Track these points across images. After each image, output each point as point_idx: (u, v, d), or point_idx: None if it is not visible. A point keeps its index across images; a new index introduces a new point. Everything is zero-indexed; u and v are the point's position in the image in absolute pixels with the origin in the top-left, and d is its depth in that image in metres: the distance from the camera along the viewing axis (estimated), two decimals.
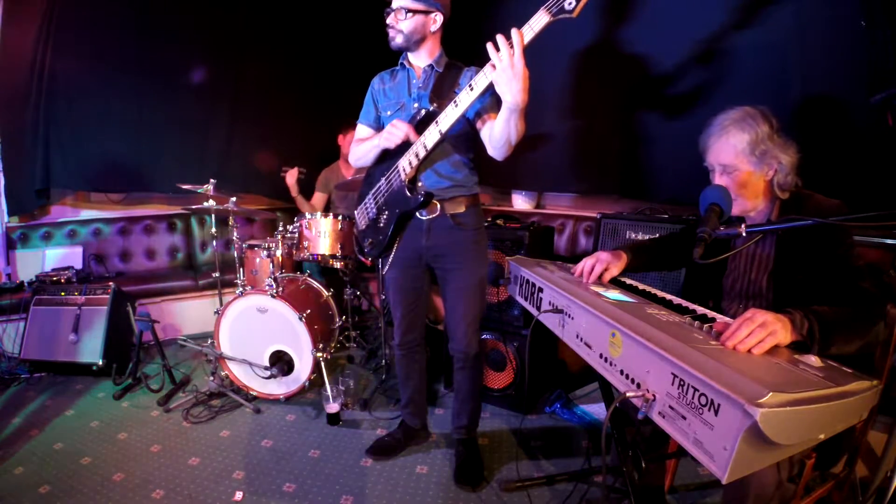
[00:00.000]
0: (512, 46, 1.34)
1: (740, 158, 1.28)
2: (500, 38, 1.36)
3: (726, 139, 1.29)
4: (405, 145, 1.71)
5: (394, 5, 1.69)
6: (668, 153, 2.44)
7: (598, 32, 2.60)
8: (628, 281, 1.51)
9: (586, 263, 1.46)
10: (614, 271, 1.46)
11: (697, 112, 2.25)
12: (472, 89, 1.51)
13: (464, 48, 1.91)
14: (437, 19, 1.72)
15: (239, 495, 1.87)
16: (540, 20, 1.33)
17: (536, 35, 1.35)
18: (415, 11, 1.67)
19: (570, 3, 1.27)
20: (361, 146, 1.87)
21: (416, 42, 1.73)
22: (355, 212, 2.03)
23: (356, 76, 1.99)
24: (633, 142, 2.62)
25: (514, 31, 1.35)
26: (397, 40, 1.73)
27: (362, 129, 1.94)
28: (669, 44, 2.34)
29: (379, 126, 1.89)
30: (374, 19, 1.92)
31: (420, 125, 1.68)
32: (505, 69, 1.37)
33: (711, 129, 1.33)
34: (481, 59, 1.46)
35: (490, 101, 1.64)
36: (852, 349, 1.07)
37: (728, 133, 1.28)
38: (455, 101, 1.55)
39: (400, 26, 1.70)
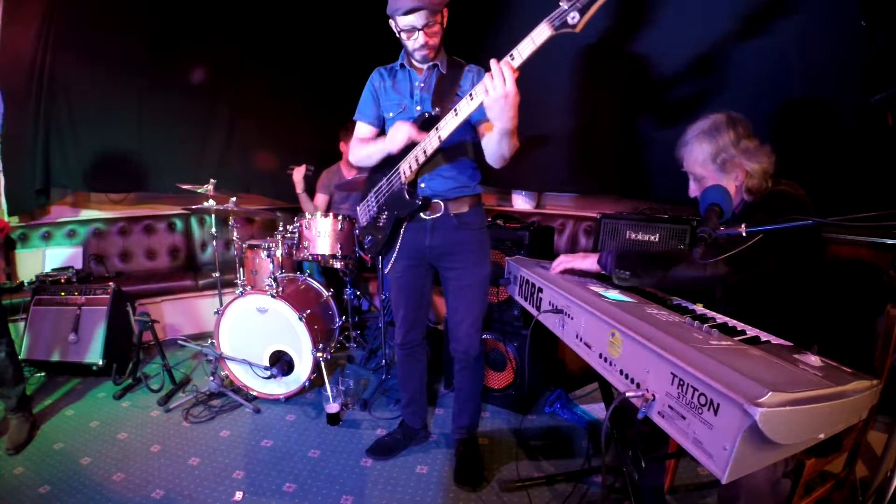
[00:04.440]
0: (505, 75, 1.33)
1: (705, 168, 1.35)
2: (493, 63, 1.34)
3: (691, 150, 1.37)
4: (409, 146, 1.70)
5: (419, 25, 1.58)
6: (668, 153, 2.40)
7: (598, 33, 2.60)
8: None
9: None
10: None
11: (697, 112, 2.20)
12: (472, 99, 1.47)
13: (465, 45, 1.90)
14: (444, 15, 1.68)
15: (239, 495, 1.87)
16: (542, 33, 1.29)
17: (539, 47, 1.32)
18: (438, 22, 1.63)
19: (573, 18, 1.23)
20: (364, 148, 1.81)
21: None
22: (358, 208, 2.02)
23: (357, 77, 1.98)
24: (632, 142, 2.62)
25: (506, 65, 1.33)
26: (431, 55, 1.69)
27: (362, 128, 1.88)
28: (669, 44, 2.33)
29: (381, 123, 1.86)
30: (375, 20, 1.91)
31: (421, 128, 1.66)
32: (497, 99, 1.37)
33: (683, 140, 1.41)
34: (483, 55, 1.44)
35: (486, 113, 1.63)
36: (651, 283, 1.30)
37: (692, 144, 1.37)
38: (455, 110, 1.53)
39: (433, 41, 1.65)
